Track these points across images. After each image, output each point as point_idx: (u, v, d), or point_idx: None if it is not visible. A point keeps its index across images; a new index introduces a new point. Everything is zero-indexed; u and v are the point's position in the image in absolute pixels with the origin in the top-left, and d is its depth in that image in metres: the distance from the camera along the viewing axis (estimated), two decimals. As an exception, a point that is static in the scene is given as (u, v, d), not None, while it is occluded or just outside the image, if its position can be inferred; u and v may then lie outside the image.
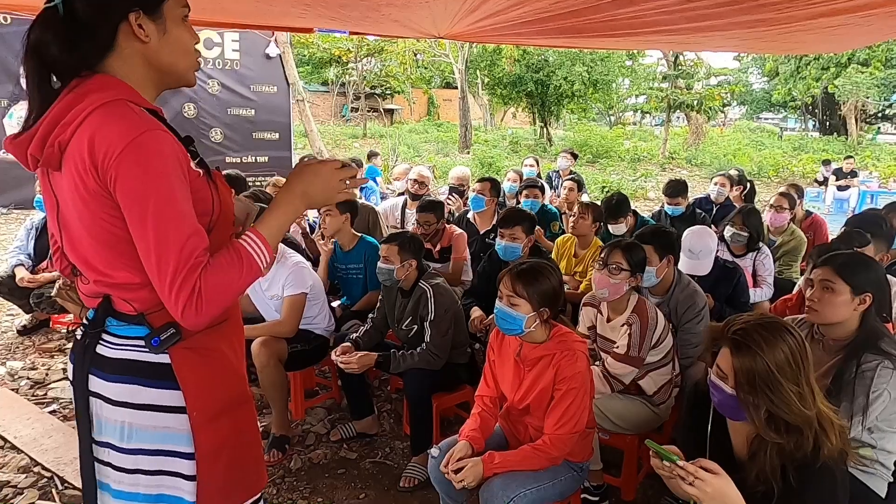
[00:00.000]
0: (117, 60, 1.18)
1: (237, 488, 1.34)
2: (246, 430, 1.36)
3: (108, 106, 1.11)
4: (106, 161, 1.08)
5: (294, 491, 2.79)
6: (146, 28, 1.18)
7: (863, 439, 1.93)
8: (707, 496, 1.41)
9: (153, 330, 1.20)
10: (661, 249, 2.90)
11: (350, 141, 21.24)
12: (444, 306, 2.92)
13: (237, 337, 1.38)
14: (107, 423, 1.25)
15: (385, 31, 4.90)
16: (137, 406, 1.22)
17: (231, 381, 1.32)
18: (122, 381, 1.22)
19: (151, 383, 1.22)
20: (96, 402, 1.25)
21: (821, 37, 3.00)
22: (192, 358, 1.24)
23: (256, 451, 1.41)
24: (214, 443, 1.26)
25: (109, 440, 1.25)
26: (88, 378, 1.24)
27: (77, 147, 1.10)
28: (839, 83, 21.73)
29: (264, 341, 2.99)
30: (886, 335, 2.00)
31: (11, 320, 4.79)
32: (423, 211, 4.00)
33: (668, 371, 2.66)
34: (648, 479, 2.75)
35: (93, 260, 1.19)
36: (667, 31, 2.97)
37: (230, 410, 1.30)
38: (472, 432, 2.21)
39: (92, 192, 1.11)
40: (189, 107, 9.41)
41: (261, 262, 1.20)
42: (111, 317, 1.23)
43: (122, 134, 1.08)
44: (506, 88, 21.98)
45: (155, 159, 1.10)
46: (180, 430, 1.24)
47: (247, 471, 1.36)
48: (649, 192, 13.14)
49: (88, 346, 1.24)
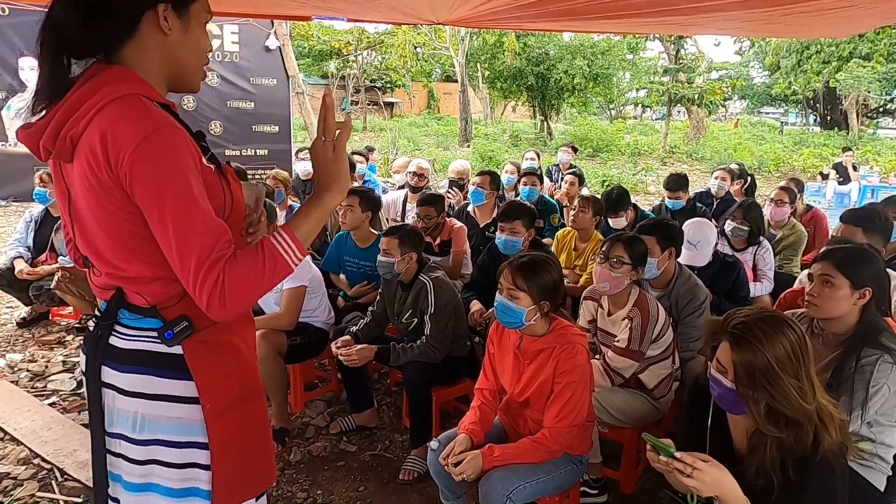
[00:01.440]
0: (135, 49, 1.17)
1: (248, 481, 1.34)
2: (257, 424, 1.36)
3: (121, 100, 1.10)
4: (120, 157, 1.07)
5: (294, 483, 2.80)
6: (170, 21, 1.18)
7: (862, 433, 1.93)
8: (705, 487, 1.41)
9: (166, 323, 1.20)
10: (663, 241, 2.90)
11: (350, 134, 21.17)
12: (443, 299, 2.92)
13: (248, 331, 1.38)
14: (119, 414, 1.25)
15: (383, 18, 4.86)
16: (150, 396, 1.22)
17: (243, 373, 1.32)
18: (134, 372, 1.22)
19: (164, 373, 1.22)
20: (109, 394, 1.24)
21: (823, 20, 2.98)
22: (205, 350, 1.24)
23: (267, 445, 1.41)
24: (225, 435, 1.26)
25: (122, 431, 1.25)
26: (101, 369, 1.24)
27: (89, 141, 1.09)
28: (840, 77, 21.62)
29: (264, 334, 2.99)
30: (886, 329, 2.00)
31: (11, 313, 4.79)
32: (423, 205, 3.99)
33: (668, 365, 2.66)
34: (648, 473, 2.76)
35: (104, 253, 1.19)
36: (668, 12, 2.95)
37: (242, 403, 1.30)
38: (471, 425, 2.21)
39: (105, 187, 1.11)
40: (188, 99, 9.37)
41: (290, 260, 1.17)
42: (124, 308, 1.23)
43: (136, 130, 1.08)
44: (506, 82, 21.91)
45: (170, 156, 1.09)
46: (193, 420, 1.24)
47: (257, 464, 1.36)
48: (650, 186, 13.13)
49: (101, 337, 1.24)
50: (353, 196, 3.58)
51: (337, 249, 3.82)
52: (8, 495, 2.64)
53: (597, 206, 4.02)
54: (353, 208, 3.57)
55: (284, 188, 4.89)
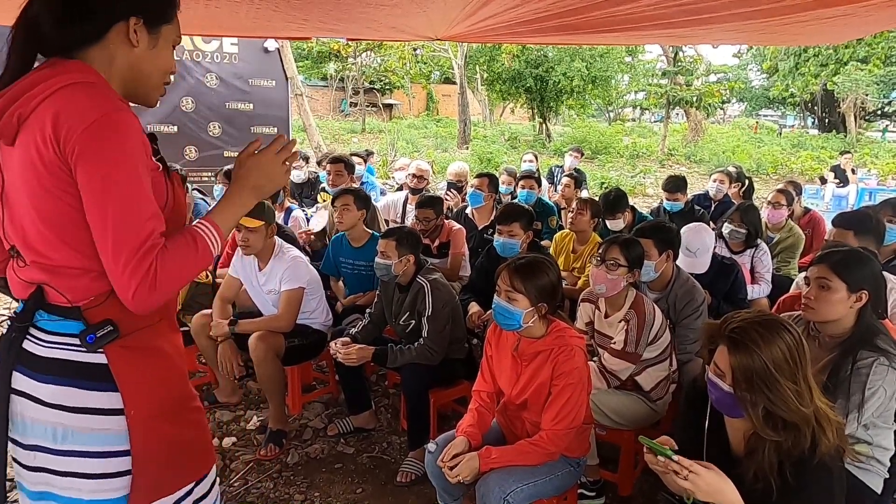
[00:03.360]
0: (99, 52, 1.18)
1: (173, 476, 1.28)
2: (191, 427, 1.31)
3: (78, 86, 1.10)
4: (70, 134, 1.06)
5: (291, 485, 2.79)
6: (139, 35, 1.19)
7: (858, 436, 1.93)
8: (702, 490, 1.42)
9: (88, 326, 1.16)
10: (660, 244, 2.90)
11: (348, 136, 21.20)
12: (441, 301, 2.92)
13: (175, 335, 1.33)
14: (34, 425, 1.18)
15: (383, 36, 4.89)
16: (74, 409, 1.17)
17: (172, 380, 1.28)
18: (55, 383, 1.16)
19: (89, 385, 1.17)
20: (20, 402, 1.18)
21: (820, 28, 2.99)
22: (130, 357, 1.19)
23: (200, 445, 1.35)
24: (152, 440, 1.21)
25: (40, 442, 1.19)
26: (12, 375, 1.18)
27: (39, 120, 1.08)
28: (838, 80, 21.67)
29: (261, 336, 2.99)
30: (882, 332, 2.00)
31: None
32: (422, 207, 4.00)
33: (665, 367, 2.66)
34: (645, 475, 2.76)
35: (34, 240, 1.15)
36: (665, 24, 2.97)
37: (172, 408, 1.26)
38: (468, 427, 2.21)
39: (49, 167, 1.09)
40: (187, 100, 9.36)
41: (213, 250, 1.21)
42: (42, 309, 1.18)
43: (91, 109, 1.08)
44: (505, 84, 21.93)
45: (122, 136, 1.09)
46: (118, 430, 1.19)
47: (185, 464, 1.30)
48: (648, 188, 13.15)
49: (15, 340, 1.18)
50: (346, 196, 3.59)
51: (334, 251, 3.83)
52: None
53: (595, 208, 4.02)
54: (349, 207, 3.57)
55: (283, 189, 4.89)
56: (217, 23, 3.49)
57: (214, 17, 3.14)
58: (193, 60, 9.41)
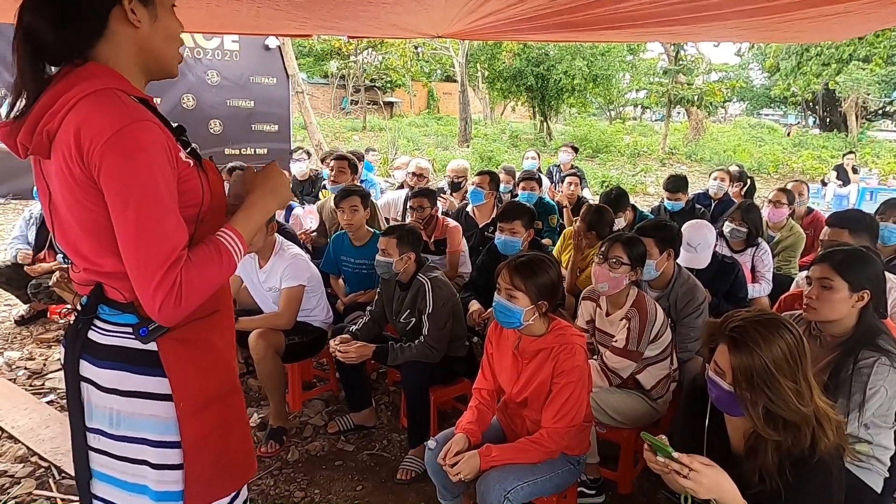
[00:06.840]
0: (108, 46, 1.17)
1: (224, 478, 1.34)
2: (234, 421, 1.36)
3: (96, 95, 1.10)
4: (91, 149, 1.07)
5: (291, 482, 2.80)
6: (138, 13, 1.18)
7: (859, 435, 1.94)
8: (702, 488, 1.41)
9: (142, 319, 1.21)
10: (661, 243, 2.90)
11: (349, 133, 21.17)
12: (442, 299, 2.92)
13: (228, 328, 1.39)
14: (97, 410, 1.25)
15: (384, 34, 4.90)
16: (125, 393, 1.22)
17: (220, 371, 1.33)
18: (111, 368, 1.23)
19: (138, 370, 1.22)
20: (87, 388, 1.25)
21: (821, 25, 2.99)
22: (181, 348, 1.24)
23: (245, 442, 1.41)
24: (202, 433, 1.27)
25: (100, 426, 1.26)
26: (80, 363, 1.25)
27: (64, 136, 1.09)
28: (840, 80, 21.63)
29: (262, 333, 2.99)
30: (884, 331, 2.00)
31: (9, 310, 4.78)
32: (416, 196, 4.03)
33: (666, 366, 2.66)
34: (645, 473, 2.76)
35: (81, 248, 1.20)
36: (667, 21, 2.97)
37: (218, 401, 1.30)
38: (469, 425, 2.22)
39: (78, 181, 1.11)
40: (188, 98, 9.37)
41: (237, 259, 1.23)
42: (103, 304, 1.24)
43: (109, 123, 1.08)
44: (506, 82, 21.88)
45: (140, 151, 1.09)
46: (166, 418, 1.24)
47: (235, 461, 1.36)
48: (649, 187, 13.13)
49: (80, 331, 1.24)
50: (354, 196, 3.59)
51: (335, 249, 3.82)
52: (5, 493, 2.64)
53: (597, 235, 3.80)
54: (358, 208, 3.58)
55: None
56: (218, 20, 3.50)
57: (216, 14, 3.14)
58: (195, 58, 9.40)
